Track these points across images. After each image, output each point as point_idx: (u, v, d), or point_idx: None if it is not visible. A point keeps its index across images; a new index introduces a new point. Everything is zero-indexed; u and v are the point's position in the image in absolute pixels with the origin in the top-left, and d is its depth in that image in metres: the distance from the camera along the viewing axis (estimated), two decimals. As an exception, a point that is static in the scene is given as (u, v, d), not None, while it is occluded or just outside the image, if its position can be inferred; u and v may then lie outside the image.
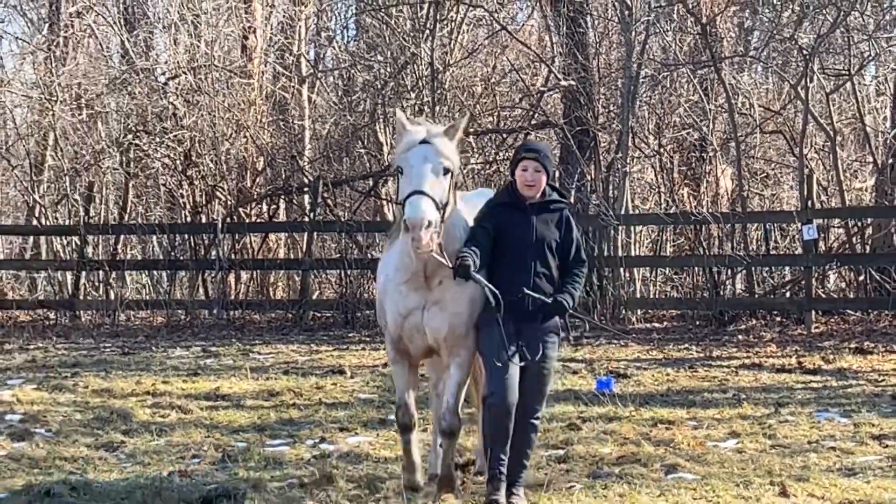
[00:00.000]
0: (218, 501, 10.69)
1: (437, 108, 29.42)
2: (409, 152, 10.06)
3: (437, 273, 10.13)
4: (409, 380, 10.66)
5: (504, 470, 10.19)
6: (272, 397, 16.70)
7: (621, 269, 26.34)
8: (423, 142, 10.17)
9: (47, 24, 37.90)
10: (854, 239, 27.26)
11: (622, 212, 26.80)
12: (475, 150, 30.79)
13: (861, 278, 26.83)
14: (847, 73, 29.32)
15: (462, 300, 10.24)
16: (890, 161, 27.54)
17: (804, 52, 28.82)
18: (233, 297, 27.13)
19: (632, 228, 27.64)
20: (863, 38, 30.44)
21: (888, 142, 28.47)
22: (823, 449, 12.87)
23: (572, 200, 24.82)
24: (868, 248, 27.21)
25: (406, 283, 10.23)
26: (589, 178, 27.18)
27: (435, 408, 11.52)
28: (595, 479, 10.93)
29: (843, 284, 27.92)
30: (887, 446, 12.87)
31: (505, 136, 30.57)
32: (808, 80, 27.76)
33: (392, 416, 12.28)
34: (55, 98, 31.81)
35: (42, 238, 28.94)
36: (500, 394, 10.07)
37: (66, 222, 29.89)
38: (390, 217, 29.11)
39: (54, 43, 35.47)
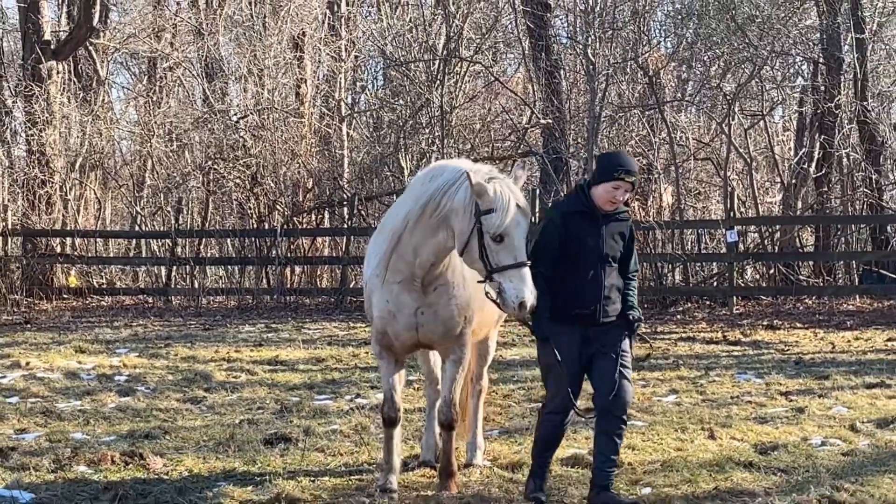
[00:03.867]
0: (277, 443, 10.69)
1: (446, 140, 29.39)
2: (516, 221, 7.90)
3: (435, 281, 8.63)
4: (395, 374, 9.13)
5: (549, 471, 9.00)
6: (319, 363, 16.68)
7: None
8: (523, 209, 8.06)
9: (146, 76, 37.93)
10: (766, 241, 27.27)
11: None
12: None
13: (771, 271, 26.87)
14: (761, 113, 29.30)
15: (457, 306, 8.73)
16: (793, 182, 27.57)
17: (727, 97, 28.78)
18: (288, 285, 27.07)
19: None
20: (773, 86, 30.43)
21: (792, 167, 28.50)
22: (742, 402, 12.96)
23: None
24: (776, 248, 27.25)
25: (399, 283, 8.62)
26: (562, 195, 27.11)
27: (431, 400, 10.15)
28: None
29: (758, 276, 27.95)
30: (792, 400, 12.97)
31: (497, 162, 30.53)
32: (730, 119, 27.75)
33: (411, 376, 12.28)
34: (152, 133, 31.83)
35: (143, 240, 28.83)
36: (562, 411, 8.54)
37: (161, 228, 29.85)
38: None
39: (152, 90, 35.48)
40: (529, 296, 7.73)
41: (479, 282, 8.14)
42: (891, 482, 8.99)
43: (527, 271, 7.83)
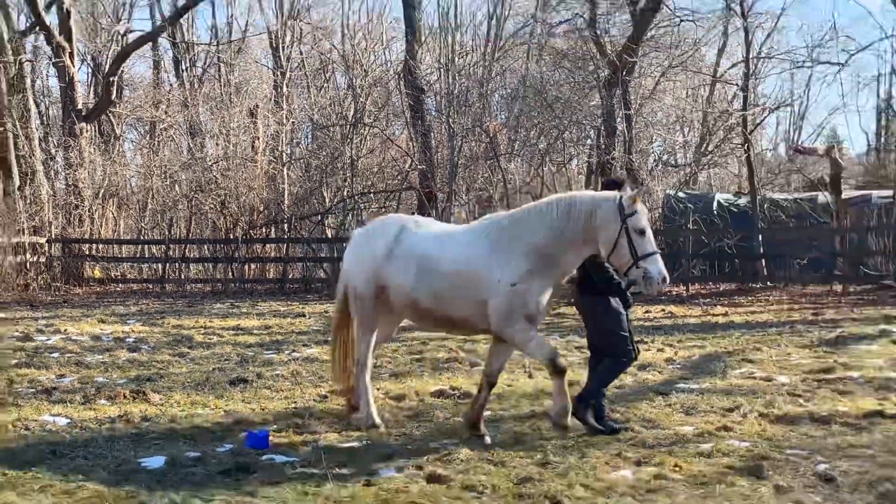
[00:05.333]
0: (238, 384, 10.66)
1: (354, 179, 29.38)
2: (644, 219, 7.63)
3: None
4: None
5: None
6: (267, 329, 16.57)
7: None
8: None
9: (148, 134, 37.56)
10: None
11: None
12: (376, 202, 30.97)
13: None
14: (564, 162, 29.62)
15: None
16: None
17: (541, 152, 29.06)
18: (246, 277, 26.89)
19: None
20: (570, 144, 30.83)
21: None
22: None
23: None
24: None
25: (549, 282, 7.88)
26: (436, 216, 27.27)
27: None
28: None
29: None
30: (583, 352, 12.96)
31: (389, 194, 30.64)
32: (543, 166, 27.97)
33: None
34: (152, 173, 31.50)
35: (145, 246, 28.47)
36: (630, 359, 8.36)
37: (158, 237, 29.50)
38: (329, 234, 29.14)
39: (152, 143, 35.19)
40: (667, 273, 7.58)
41: (625, 272, 7.61)
42: (647, 405, 9.20)
43: (659, 256, 7.60)
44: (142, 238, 30.02)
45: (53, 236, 26.90)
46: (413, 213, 28.81)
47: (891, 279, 22.76)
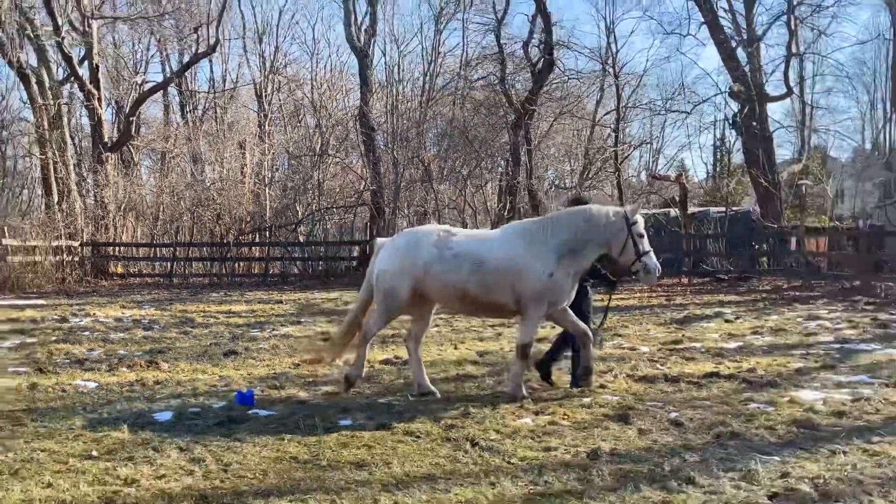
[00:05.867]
0: (230, 355, 10.53)
1: (321, 198, 29.24)
2: (642, 226, 7.81)
3: None
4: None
5: None
6: (253, 313, 16.35)
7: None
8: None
9: (160, 161, 36.89)
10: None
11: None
12: (337, 215, 30.79)
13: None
14: (481, 185, 29.70)
15: None
16: (497, 221, 27.98)
17: (464, 177, 29.16)
18: (237, 272, 26.59)
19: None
20: (487, 171, 30.96)
21: (497, 213, 28.91)
22: (471, 330, 12.93)
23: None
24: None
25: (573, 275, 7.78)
26: (383, 226, 27.19)
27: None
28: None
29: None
30: (496, 329, 13.04)
31: (348, 208, 30.50)
32: (465, 189, 28.08)
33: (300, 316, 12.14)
34: (163, 191, 30.99)
35: (157, 248, 28.00)
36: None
37: (168, 241, 28.99)
38: (301, 239, 28.90)
39: (163, 169, 34.65)
40: (659, 266, 7.73)
41: (632, 266, 7.66)
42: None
43: (653, 252, 7.71)
44: (154, 242, 29.54)
45: (85, 240, 26.39)
46: (367, 224, 28.79)
47: (722, 274, 23.28)
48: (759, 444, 5.96)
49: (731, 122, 29.63)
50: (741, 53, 27.17)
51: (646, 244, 7.70)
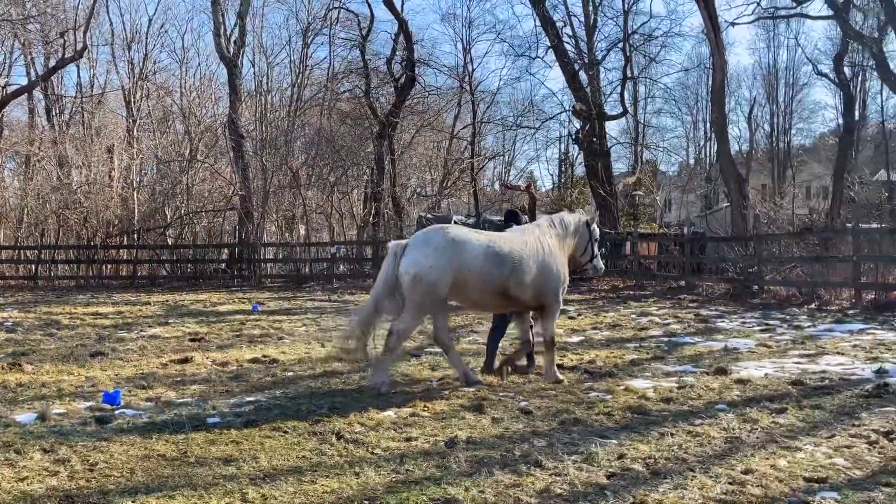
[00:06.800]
0: (97, 356, 9.95)
1: (189, 202, 28.26)
2: (598, 232, 8.79)
3: None
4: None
5: None
6: (120, 314, 15.49)
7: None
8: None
9: (24, 164, 34.53)
10: (351, 252, 27.29)
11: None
12: (206, 218, 29.83)
13: (353, 266, 26.90)
14: (347, 192, 29.40)
15: None
16: (362, 224, 27.85)
17: (331, 183, 28.84)
18: (105, 274, 25.39)
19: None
20: (352, 178, 30.75)
21: (363, 218, 28.78)
22: (338, 329, 12.93)
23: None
24: (356, 255, 27.31)
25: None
26: (252, 230, 26.58)
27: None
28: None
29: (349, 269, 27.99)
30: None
31: (216, 213, 29.60)
32: (332, 195, 27.72)
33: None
34: (29, 194, 29.19)
35: (21, 251, 26.24)
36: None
37: (33, 244, 27.21)
38: (169, 242, 27.81)
39: (27, 172, 32.59)
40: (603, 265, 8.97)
41: (584, 265, 8.73)
42: (405, 364, 9.20)
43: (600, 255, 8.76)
44: (18, 244, 27.72)
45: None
46: (236, 228, 28.01)
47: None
48: (599, 429, 6.17)
49: (573, 137, 30.73)
50: (583, 76, 28.22)
51: (598, 247, 8.66)
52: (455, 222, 28.07)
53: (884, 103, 47.18)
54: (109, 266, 26.36)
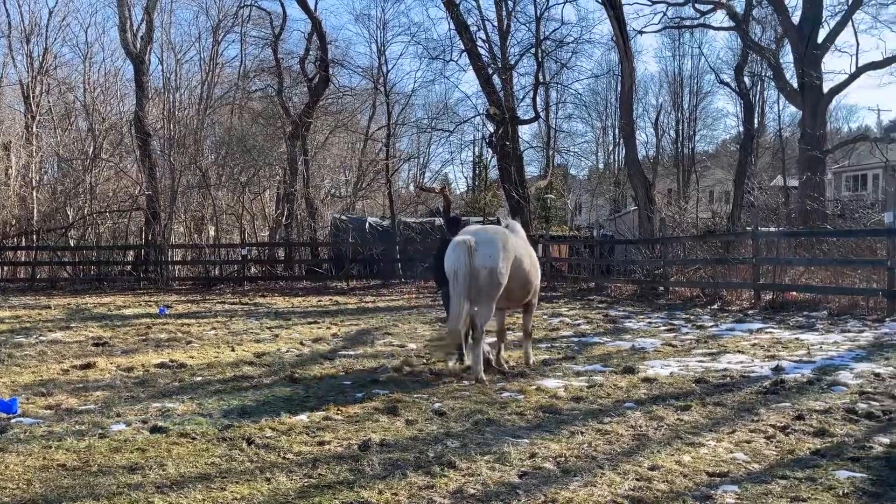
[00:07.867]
0: None
1: (92, 201, 27.22)
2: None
3: None
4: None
5: None
6: (18, 318, 14.82)
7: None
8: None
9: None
10: (263, 254, 26.73)
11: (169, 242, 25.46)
12: (111, 219, 28.81)
13: (268, 268, 26.42)
14: (259, 192, 28.87)
15: None
16: (274, 226, 27.38)
17: (242, 184, 28.25)
18: (1, 277, 24.16)
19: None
20: (265, 177, 30.21)
21: (275, 220, 28.22)
22: (250, 332, 12.60)
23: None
24: (267, 257, 26.79)
25: None
26: (159, 231, 25.80)
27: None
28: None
29: (261, 270, 27.45)
30: (273, 330, 12.71)
31: (123, 212, 28.61)
32: (244, 195, 27.09)
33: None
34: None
35: None
36: None
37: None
38: (71, 243, 26.74)
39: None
40: None
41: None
42: (318, 367, 9.16)
43: None
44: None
45: None
46: (142, 229, 27.16)
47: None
48: (511, 429, 6.24)
49: (487, 141, 30.98)
50: (497, 80, 28.53)
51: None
52: (370, 224, 27.98)
53: (780, 112, 49.54)
54: (6, 268, 25.19)
